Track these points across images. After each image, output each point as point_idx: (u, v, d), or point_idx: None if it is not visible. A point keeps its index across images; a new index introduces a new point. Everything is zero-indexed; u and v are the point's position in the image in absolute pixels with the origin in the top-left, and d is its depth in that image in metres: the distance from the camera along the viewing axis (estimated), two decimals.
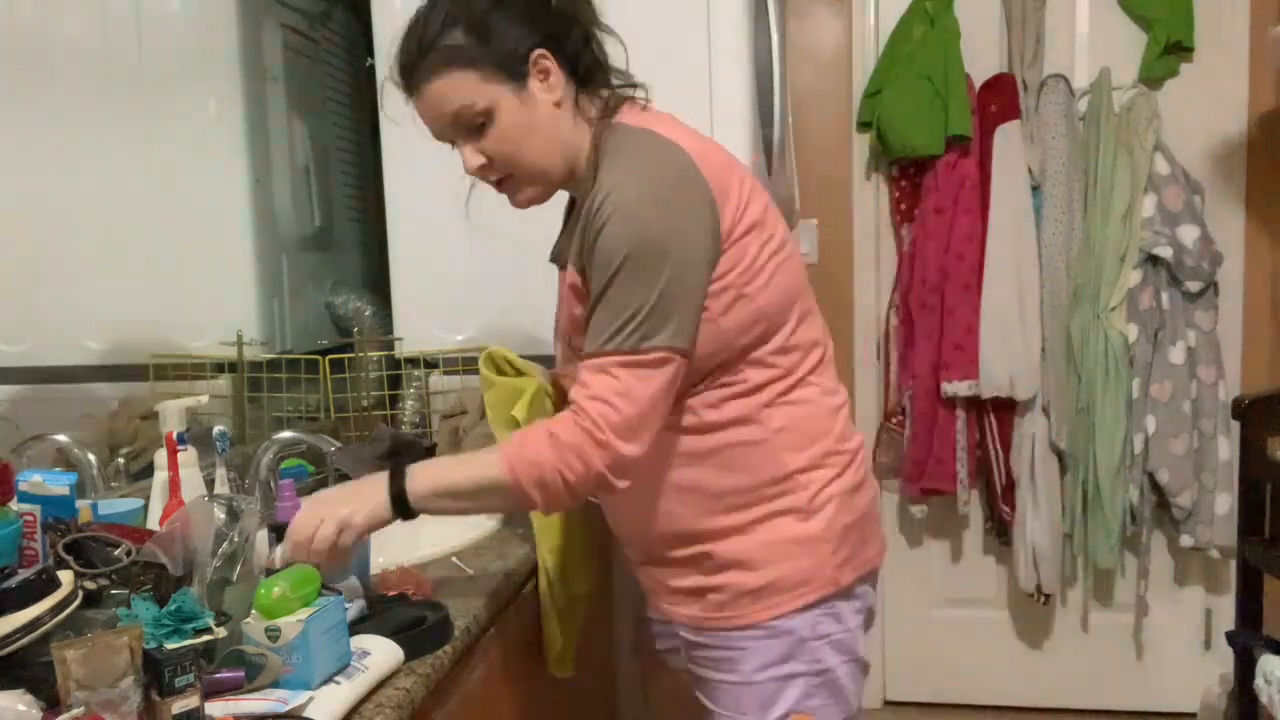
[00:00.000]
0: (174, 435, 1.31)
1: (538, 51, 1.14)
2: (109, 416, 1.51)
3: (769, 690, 1.20)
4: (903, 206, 2.72)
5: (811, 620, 1.19)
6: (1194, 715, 2.65)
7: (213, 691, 0.91)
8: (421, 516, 1.14)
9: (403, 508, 1.12)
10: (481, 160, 1.17)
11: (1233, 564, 2.42)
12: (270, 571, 1.08)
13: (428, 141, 1.71)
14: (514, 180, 1.20)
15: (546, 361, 1.45)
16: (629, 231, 1.07)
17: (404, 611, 1.14)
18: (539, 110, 1.15)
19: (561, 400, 1.34)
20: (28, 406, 1.36)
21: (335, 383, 2.04)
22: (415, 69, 1.16)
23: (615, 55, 1.24)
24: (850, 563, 1.22)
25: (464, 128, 1.16)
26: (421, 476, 1.13)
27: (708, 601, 1.22)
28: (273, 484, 1.52)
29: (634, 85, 1.23)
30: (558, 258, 1.28)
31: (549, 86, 1.15)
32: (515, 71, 1.13)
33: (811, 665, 1.20)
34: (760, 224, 1.15)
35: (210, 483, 1.38)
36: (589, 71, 1.20)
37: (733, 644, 1.21)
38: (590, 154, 1.18)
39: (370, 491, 1.12)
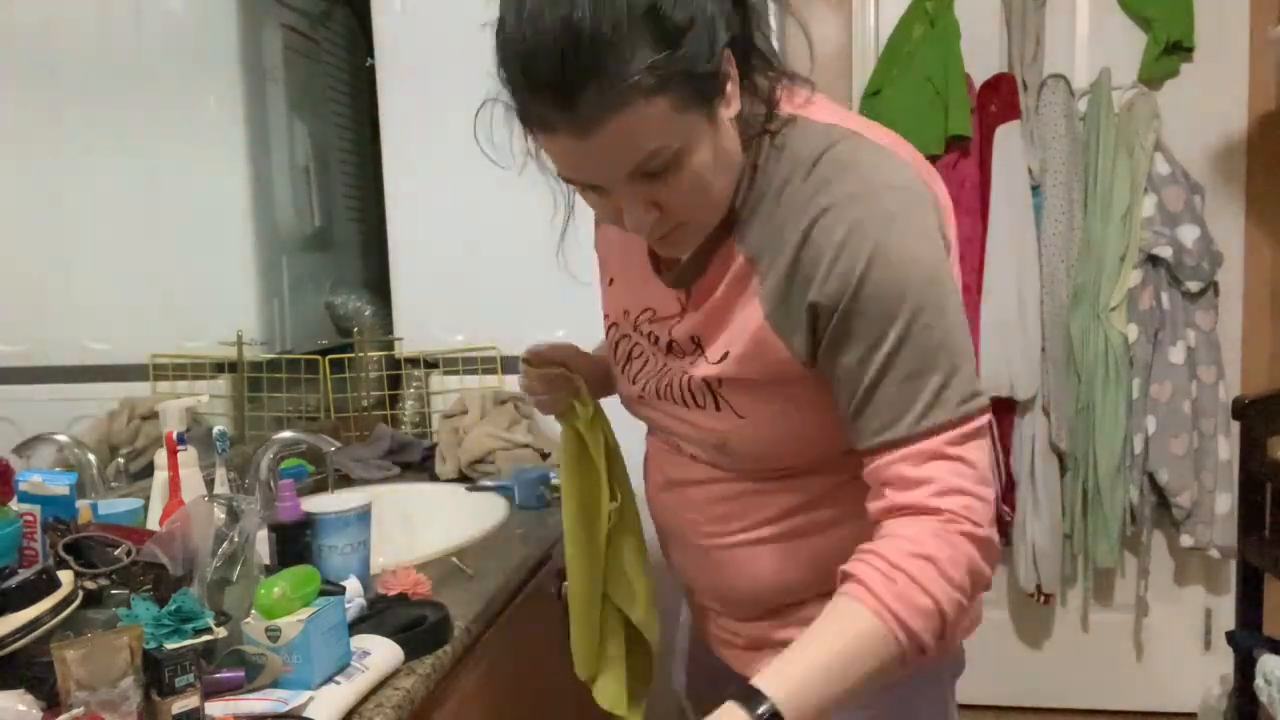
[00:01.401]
0: (174, 435, 1.31)
1: (726, 50, 0.82)
2: (109, 416, 1.51)
3: None
4: None
5: (907, 692, 1.00)
6: (1194, 715, 2.65)
7: (213, 691, 0.91)
8: (415, 514, 1.03)
9: None
10: (655, 215, 0.85)
11: (1233, 564, 2.42)
12: (270, 571, 1.08)
13: (428, 141, 1.70)
14: (685, 228, 0.88)
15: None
16: (904, 274, 0.81)
17: (404, 611, 1.14)
18: (725, 132, 0.84)
19: None
20: (28, 406, 1.36)
21: (335, 383, 2.04)
22: (578, 99, 0.75)
23: None
24: (972, 626, 1.06)
25: (640, 175, 0.81)
26: (795, 692, 0.77)
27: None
28: (273, 484, 1.52)
29: (787, 73, 0.93)
30: (679, 281, 0.98)
31: (729, 98, 0.84)
32: (709, 91, 0.81)
33: None
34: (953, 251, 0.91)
35: (210, 483, 1.38)
36: (756, 62, 0.89)
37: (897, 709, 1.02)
38: (753, 159, 0.89)
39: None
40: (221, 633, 0.93)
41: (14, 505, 1.03)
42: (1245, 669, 2.01)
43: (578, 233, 1.06)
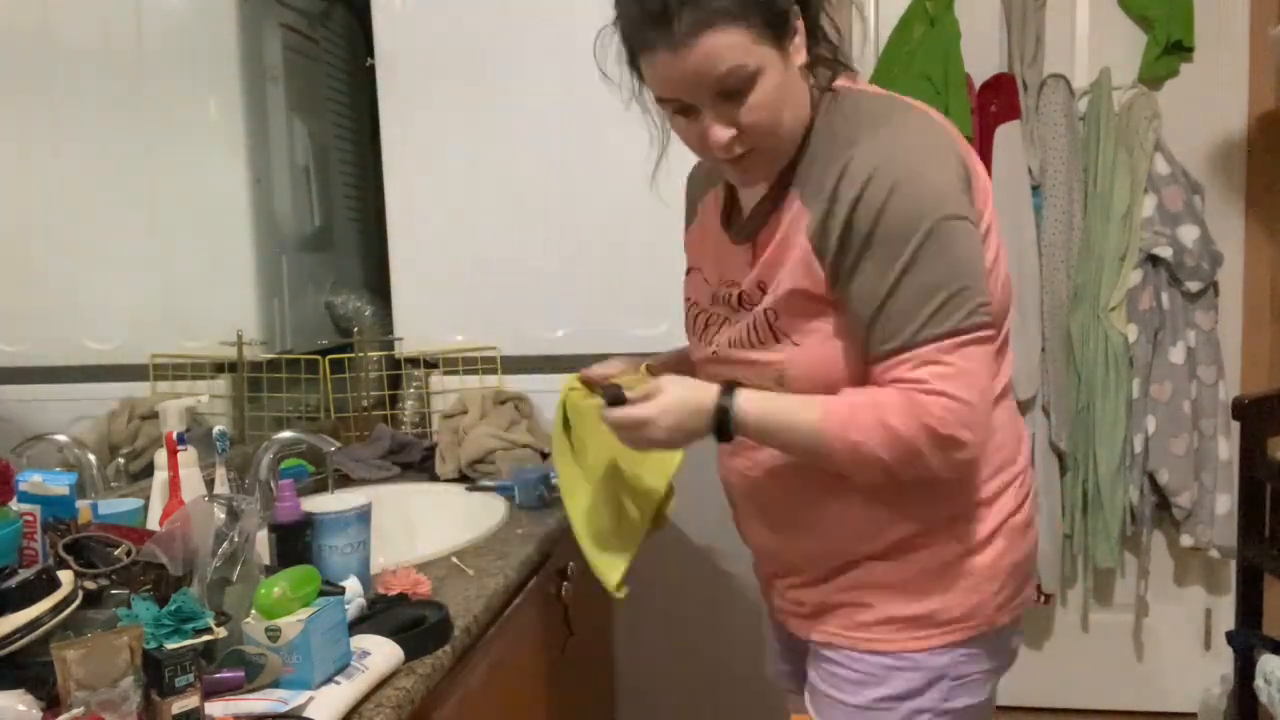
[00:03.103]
0: (174, 435, 1.31)
1: (794, 7, 1.02)
2: (109, 416, 1.51)
3: (888, 719, 1.10)
4: None
5: (956, 659, 1.10)
6: (1194, 715, 2.65)
7: (213, 691, 0.91)
8: (418, 516, 1.07)
9: (723, 429, 1.05)
10: (733, 132, 1.01)
11: (1233, 564, 2.41)
12: (270, 571, 1.08)
13: (428, 141, 1.70)
14: (758, 154, 1.04)
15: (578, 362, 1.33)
16: (925, 201, 0.96)
17: (404, 611, 1.14)
18: (795, 75, 1.03)
19: None
20: (28, 406, 1.36)
21: (335, 383, 2.04)
22: (674, 19, 0.96)
23: None
24: (1011, 603, 1.13)
25: (722, 93, 0.99)
26: (751, 404, 1.04)
27: (849, 619, 1.12)
28: (273, 484, 1.52)
29: (846, 60, 1.10)
30: (742, 234, 1.14)
31: (798, 47, 1.03)
32: (782, 31, 1.00)
33: (939, 704, 1.10)
34: (986, 214, 1.06)
35: (210, 483, 1.38)
36: (818, 32, 1.07)
37: (867, 668, 1.11)
38: (812, 123, 1.06)
39: (693, 424, 1.05)
40: (221, 633, 0.93)
41: (14, 505, 1.03)
42: (1245, 669, 2.01)
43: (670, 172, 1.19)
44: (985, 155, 2.55)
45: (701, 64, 0.97)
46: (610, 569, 1.24)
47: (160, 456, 1.34)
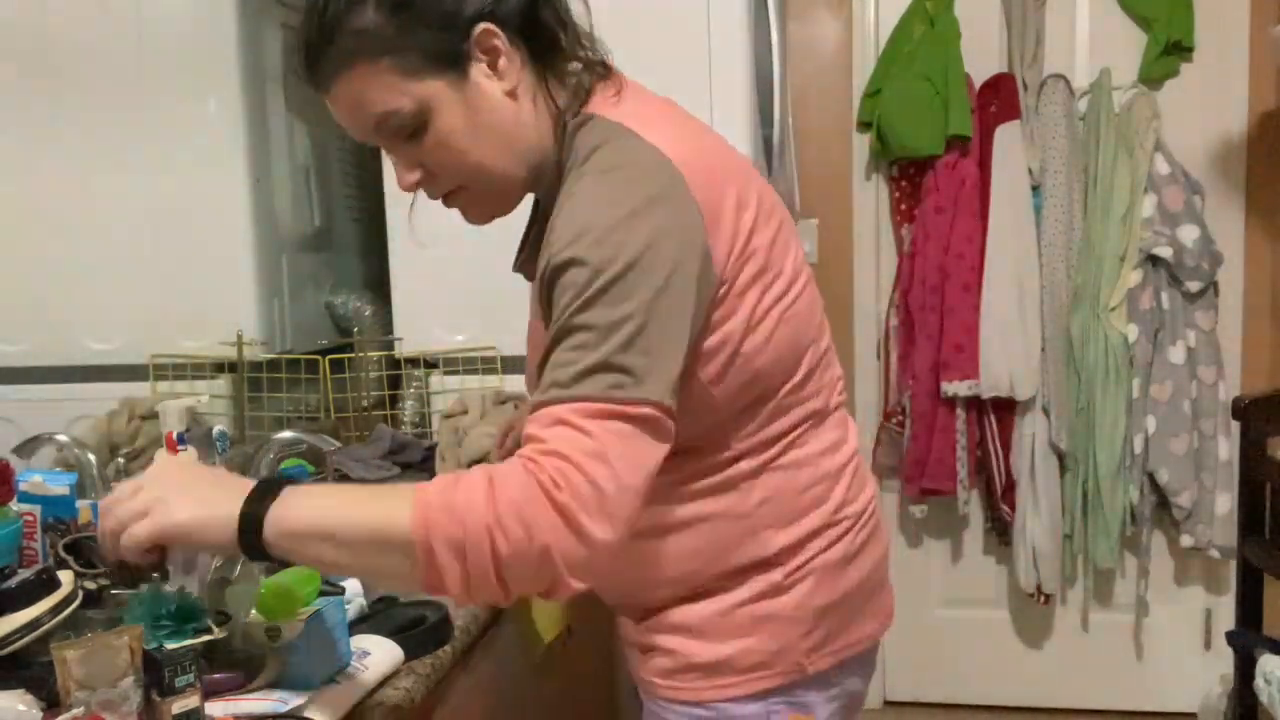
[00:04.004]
0: (174, 435, 1.31)
1: (480, 26, 0.87)
2: (109, 416, 1.51)
3: None
4: (903, 206, 2.72)
5: (765, 709, 0.98)
6: (1194, 715, 2.65)
7: (213, 691, 0.91)
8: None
9: (251, 539, 0.77)
10: (418, 175, 0.92)
11: (1233, 564, 2.41)
12: (270, 571, 1.08)
13: None
14: (467, 193, 0.94)
15: None
16: (602, 251, 0.80)
17: (404, 611, 1.14)
18: (487, 103, 0.89)
19: None
20: (28, 406, 1.36)
21: (335, 383, 2.04)
22: (317, 63, 0.87)
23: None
24: (826, 646, 1.00)
25: (391, 135, 0.89)
26: (296, 503, 0.78)
27: (654, 665, 1.02)
28: None
29: (603, 63, 0.95)
30: (522, 268, 1.06)
31: (500, 71, 0.89)
32: (450, 57, 0.86)
33: None
34: (766, 262, 0.91)
35: None
36: (551, 44, 0.92)
37: (662, 715, 1.02)
38: (556, 151, 0.93)
39: (221, 497, 0.79)
40: (221, 633, 0.93)
41: (14, 505, 1.03)
42: (1245, 669, 2.01)
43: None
44: (985, 155, 2.56)
45: (353, 110, 0.87)
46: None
47: (160, 456, 1.34)
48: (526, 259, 1.03)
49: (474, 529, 0.74)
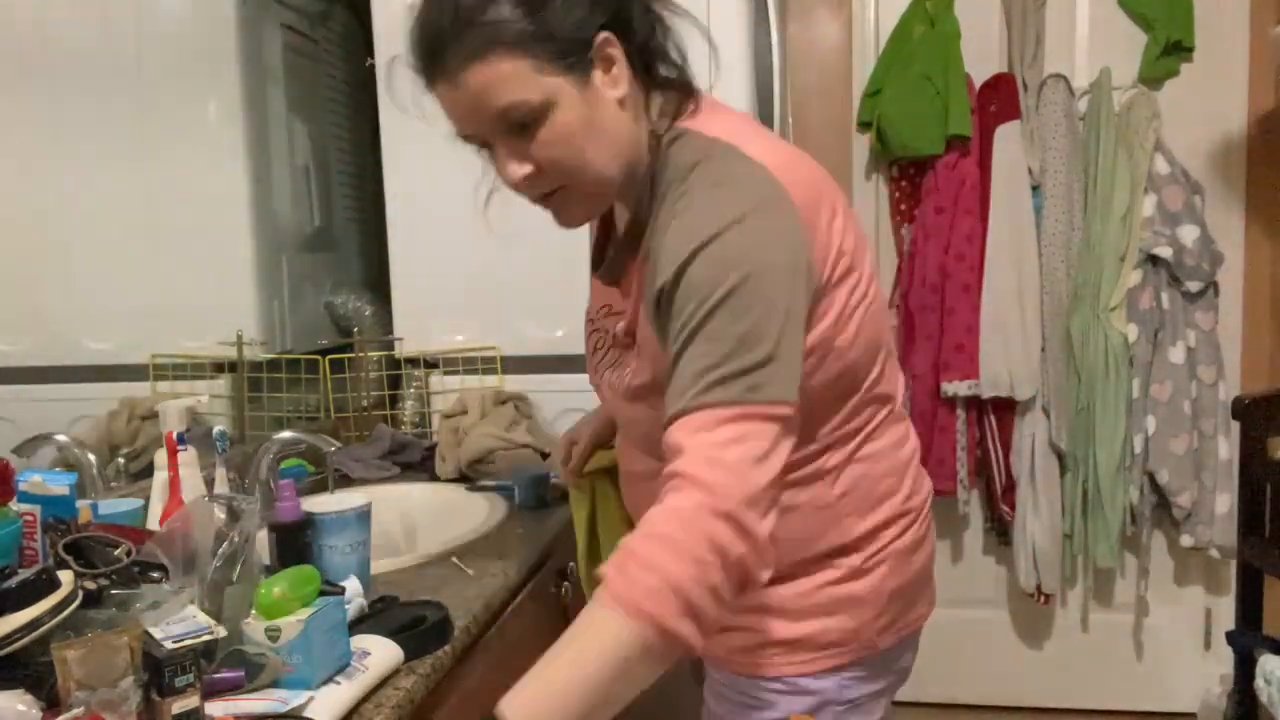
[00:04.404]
0: (174, 435, 1.31)
1: (603, 35, 0.92)
2: (109, 416, 1.51)
3: None
4: (903, 207, 2.72)
5: (839, 684, 1.06)
6: (1194, 715, 2.65)
7: (213, 691, 0.91)
8: (418, 516, 1.01)
9: None
10: (528, 169, 0.94)
11: (1233, 564, 2.41)
12: (270, 571, 1.08)
13: (428, 140, 1.71)
14: (566, 193, 0.97)
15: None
16: (726, 264, 0.86)
17: (404, 611, 1.14)
18: (602, 108, 0.93)
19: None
20: (28, 406, 1.36)
21: (335, 383, 2.04)
22: (446, 50, 0.89)
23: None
24: (893, 627, 1.09)
25: (509, 128, 0.92)
26: (524, 703, 0.76)
27: (732, 642, 1.08)
28: (273, 484, 1.52)
29: (690, 83, 1.01)
30: (608, 272, 1.09)
31: (613, 79, 0.94)
32: (578, 59, 0.91)
33: None
34: (853, 262, 0.97)
35: (210, 483, 1.38)
36: (658, 63, 0.99)
37: (751, 692, 1.07)
38: (650, 163, 0.99)
39: None
40: (221, 632, 0.93)
41: (14, 505, 1.03)
42: (1245, 669, 2.01)
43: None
44: (985, 155, 2.56)
45: (478, 98, 0.90)
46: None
47: (160, 456, 1.34)
48: (611, 266, 1.07)
49: (689, 585, 0.77)
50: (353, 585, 1.15)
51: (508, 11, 0.88)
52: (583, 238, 2.13)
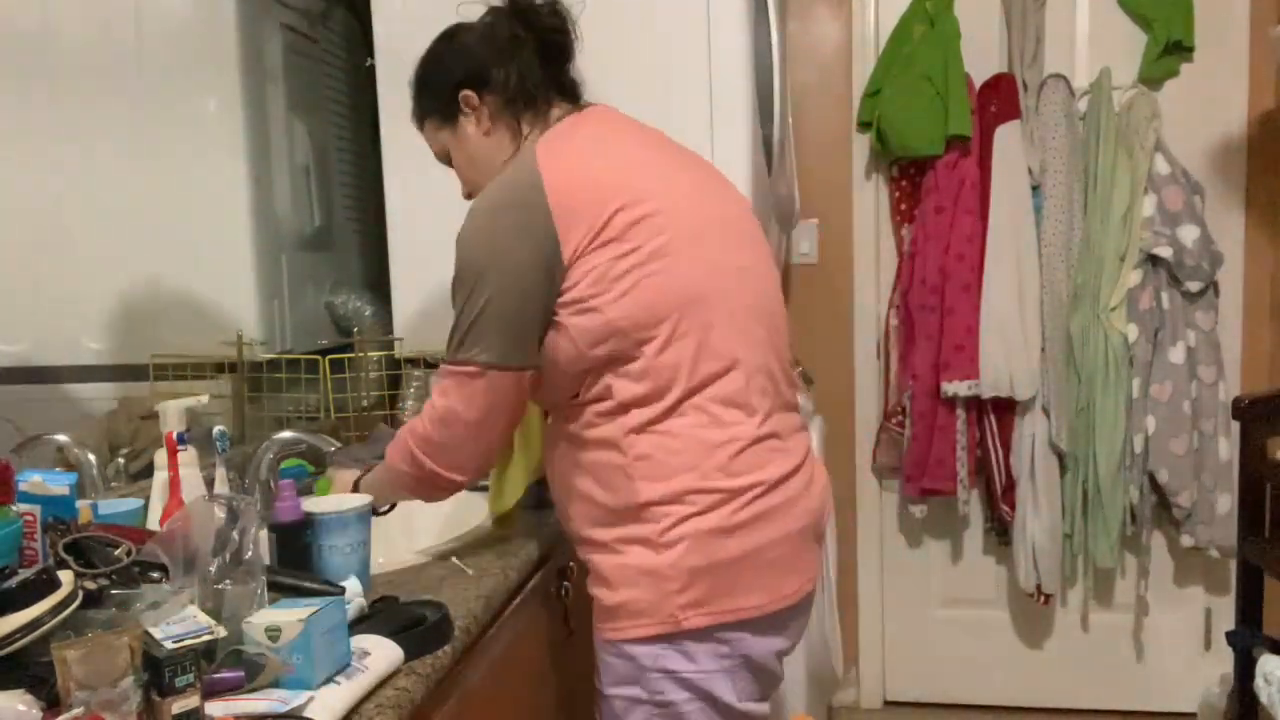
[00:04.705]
0: (174, 435, 1.31)
1: (463, 93, 1.30)
2: (109, 416, 1.51)
3: (618, 708, 1.24)
4: (903, 206, 2.72)
5: (653, 652, 1.20)
6: (1194, 715, 2.65)
7: (213, 691, 0.91)
8: (415, 514, 1.20)
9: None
10: (462, 186, 1.37)
11: (1233, 564, 2.42)
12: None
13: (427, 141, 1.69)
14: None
15: None
16: (460, 249, 1.20)
17: (404, 611, 1.14)
18: (473, 142, 1.32)
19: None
20: (28, 406, 1.36)
21: (335, 383, 2.03)
22: (415, 114, 1.39)
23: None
24: (703, 607, 1.18)
25: (443, 157, 1.38)
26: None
27: (595, 609, 1.26)
28: (273, 484, 1.52)
29: (571, 100, 1.34)
30: None
31: (477, 118, 1.31)
32: (448, 114, 1.32)
33: (653, 695, 1.20)
34: (622, 237, 1.16)
35: (210, 483, 1.38)
36: (524, 97, 1.30)
37: (601, 655, 1.26)
38: None
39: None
40: (222, 632, 0.93)
41: (14, 505, 1.03)
42: (1245, 669, 2.02)
43: None
44: (985, 155, 2.56)
45: (428, 141, 1.39)
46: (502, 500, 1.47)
47: (160, 456, 1.34)
48: None
49: (402, 455, 1.29)
50: (353, 585, 1.15)
51: (416, 95, 1.37)
52: None
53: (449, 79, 1.31)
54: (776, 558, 1.21)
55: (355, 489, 1.35)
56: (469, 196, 1.34)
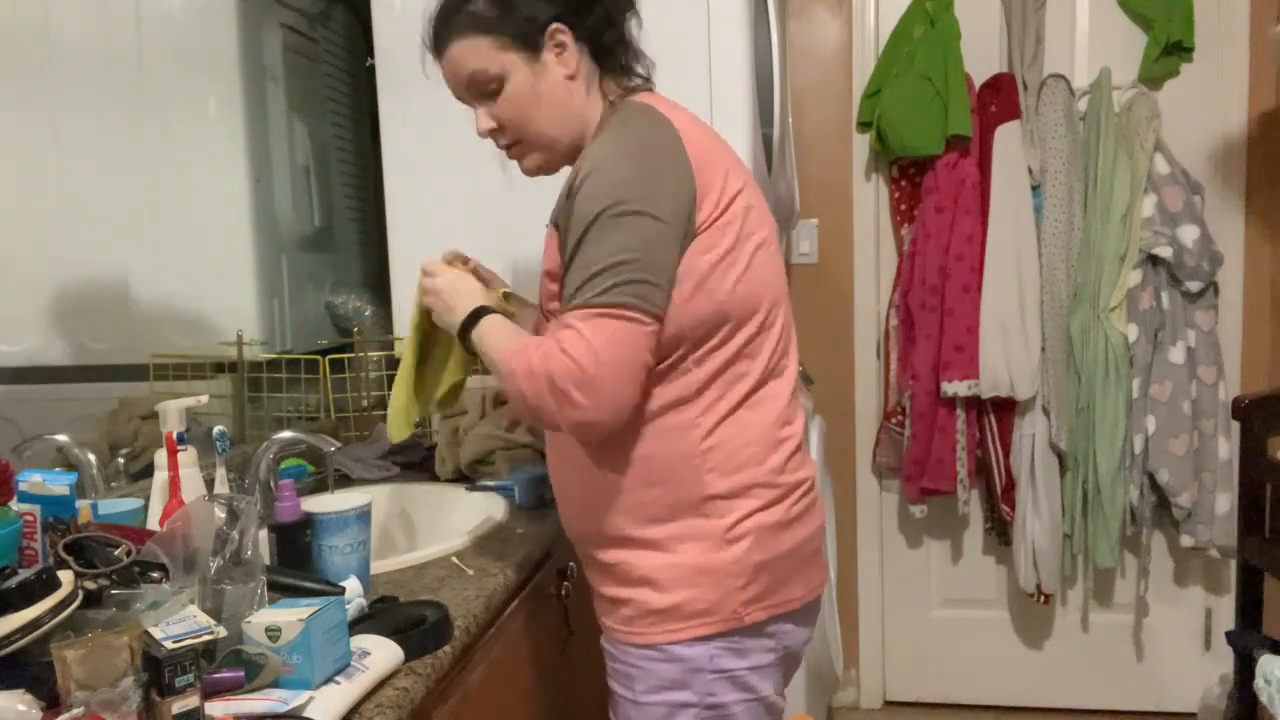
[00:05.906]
0: (174, 435, 1.31)
1: (555, 25, 1.18)
2: (109, 416, 1.51)
3: (658, 714, 1.18)
4: (903, 206, 2.72)
5: (708, 652, 1.16)
6: (1194, 715, 2.65)
7: (213, 691, 0.91)
8: (418, 516, 1.11)
9: (464, 335, 1.23)
10: (492, 124, 1.22)
11: (1233, 564, 2.42)
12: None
13: (428, 140, 1.71)
14: (521, 146, 1.24)
15: None
16: (605, 189, 1.08)
17: (404, 611, 1.14)
18: (549, 81, 1.19)
19: None
20: (28, 406, 1.36)
21: (335, 383, 2.04)
22: (440, 31, 1.22)
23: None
24: (762, 601, 1.17)
25: (478, 91, 1.21)
26: (483, 330, 1.22)
27: (618, 614, 1.20)
28: (273, 484, 1.52)
29: (644, 75, 1.27)
30: (552, 221, 1.27)
31: (563, 60, 1.19)
32: (530, 42, 1.18)
33: (704, 698, 1.16)
34: (743, 219, 1.15)
35: (210, 483, 1.38)
36: (610, 52, 1.23)
37: (632, 661, 1.19)
38: (597, 129, 1.21)
39: (462, 304, 1.25)
40: (222, 632, 0.93)
41: (14, 505, 1.03)
42: (1245, 669, 2.02)
43: None
44: (985, 155, 2.56)
45: (454, 67, 1.21)
46: (403, 419, 1.41)
47: (160, 456, 1.34)
48: (554, 212, 1.23)
49: (525, 383, 1.10)
50: (353, 585, 1.15)
51: (481, 4, 1.18)
52: None
53: (544, 5, 1.18)
54: (812, 551, 1.23)
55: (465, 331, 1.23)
56: (489, 134, 1.23)
